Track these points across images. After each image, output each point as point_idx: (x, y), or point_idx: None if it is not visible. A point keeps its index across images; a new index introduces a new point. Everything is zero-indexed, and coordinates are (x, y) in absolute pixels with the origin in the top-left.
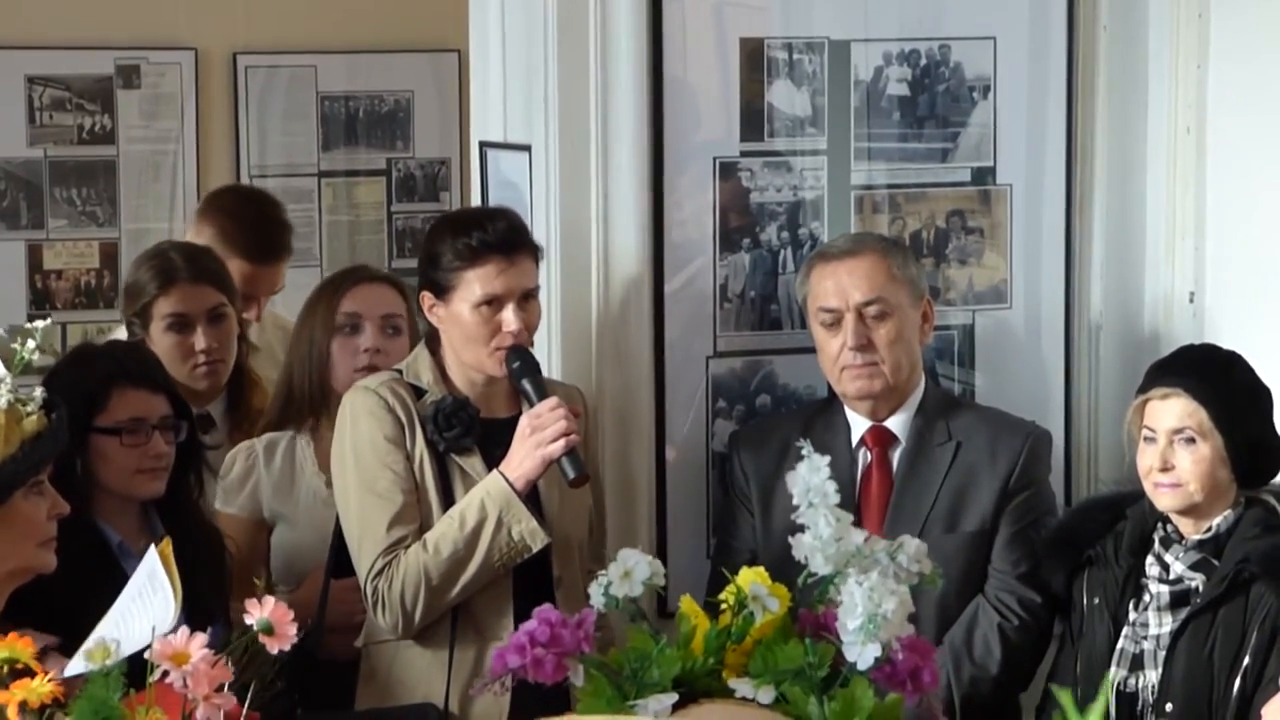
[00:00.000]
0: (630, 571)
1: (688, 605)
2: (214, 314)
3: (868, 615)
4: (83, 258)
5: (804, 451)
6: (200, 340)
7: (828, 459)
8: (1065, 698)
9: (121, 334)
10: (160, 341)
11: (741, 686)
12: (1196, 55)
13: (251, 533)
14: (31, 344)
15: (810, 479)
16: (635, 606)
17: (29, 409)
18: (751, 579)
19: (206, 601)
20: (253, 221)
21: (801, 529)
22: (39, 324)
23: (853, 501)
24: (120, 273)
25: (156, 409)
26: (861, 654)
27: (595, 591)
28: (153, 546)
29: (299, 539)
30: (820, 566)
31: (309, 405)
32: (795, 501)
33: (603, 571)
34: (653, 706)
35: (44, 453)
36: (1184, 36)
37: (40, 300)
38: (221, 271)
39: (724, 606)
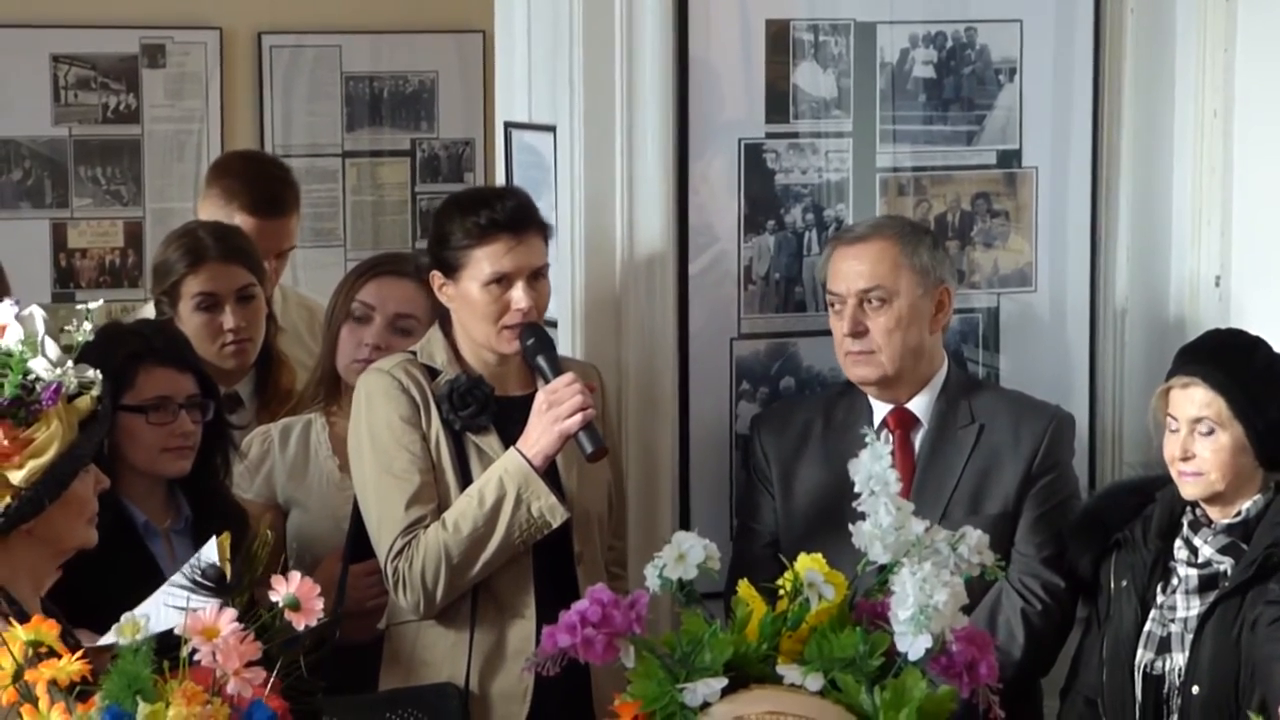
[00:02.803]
0: (685, 554)
1: (745, 590)
2: (243, 294)
3: (919, 606)
4: (107, 237)
5: (866, 439)
6: (229, 319)
7: (890, 447)
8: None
9: (147, 312)
10: (189, 321)
11: (790, 673)
12: (1224, 39)
13: (267, 518)
14: (88, 326)
15: (871, 466)
16: (690, 589)
17: (91, 391)
18: (809, 565)
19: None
20: (254, 178)
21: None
22: (92, 305)
23: None
24: (145, 252)
25: (183, 388)
26: (913, 645)
27: (650, 574)
28: (213, 539)
29: (312, 523)
30: (879, 555)
31: (325, 386)
32: (857, 489)
33: (658, 554)
34: (701, 690)
35: (99, 433)
36: (1211, 20)
37: (65, 279)
38: (251, 251)
39: (781, 592)
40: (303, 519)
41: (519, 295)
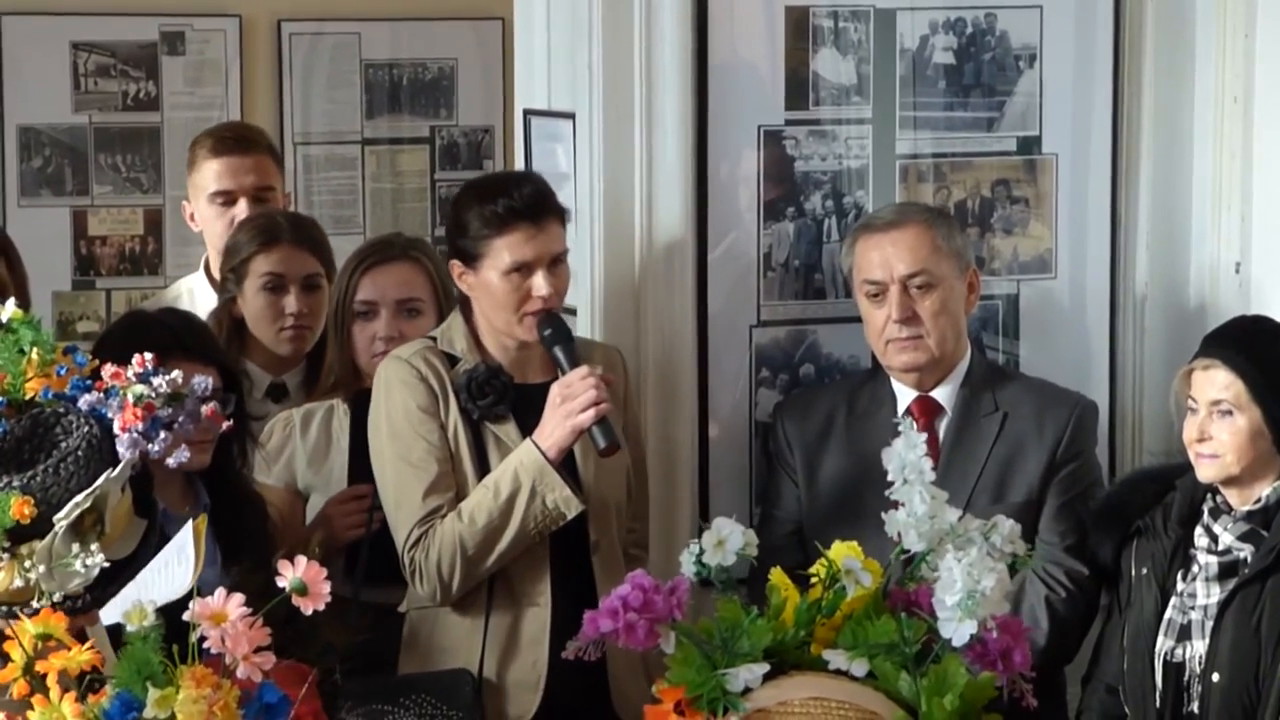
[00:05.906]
0: (723, 540)
1: (778, 577)
2: (309, 281)
3: (966, 591)
4: (127, 224)
5: (901, 428)
6: (292, 303)
7: (924, 436)
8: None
9: (165, 296)
10: (253, 300)
11: (835, 658)
12: (1244, 24)
13: (288, 503)
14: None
15: (906, 454)
16: (728, 576)
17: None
18: (844, 553)
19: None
20: (219, 127)
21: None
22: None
23: None
24: (164, 239)
25: None
26: (957, 630)
27: (686, 560)
28: (190, 520)
29: None
30: (914, 543)
31: (345, 385)
32: (890, 477)
33: (695, 540)
34: (744, 676)
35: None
36: (1231, 6)
37: (85, 267)
38: (323, 242)
39: (814, 580)
40: (322, 505)
41: (540, 283)
